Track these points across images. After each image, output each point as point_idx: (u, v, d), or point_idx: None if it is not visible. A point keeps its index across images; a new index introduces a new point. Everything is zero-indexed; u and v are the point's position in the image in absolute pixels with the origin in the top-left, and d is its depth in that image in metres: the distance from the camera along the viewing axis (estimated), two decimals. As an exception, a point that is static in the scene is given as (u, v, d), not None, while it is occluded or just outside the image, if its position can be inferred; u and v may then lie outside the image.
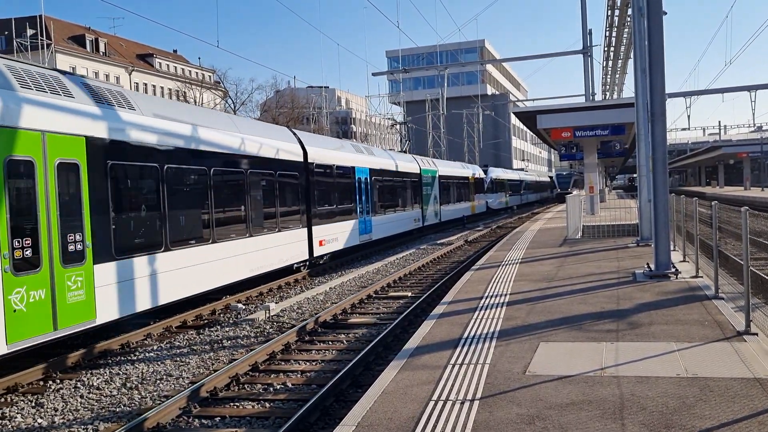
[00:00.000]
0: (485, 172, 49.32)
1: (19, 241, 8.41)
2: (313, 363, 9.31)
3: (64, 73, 10.47)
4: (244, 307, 13.63)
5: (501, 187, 54.35)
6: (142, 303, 10.94)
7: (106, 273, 9.97)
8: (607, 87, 55.68)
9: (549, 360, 6.75)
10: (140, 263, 10.86)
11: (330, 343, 10.53)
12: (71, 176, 9.44)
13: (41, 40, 48.06)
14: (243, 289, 15.27)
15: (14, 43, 48.56)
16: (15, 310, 8.20)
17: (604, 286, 10.97)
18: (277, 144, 16.89)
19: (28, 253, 8.54)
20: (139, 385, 8.52)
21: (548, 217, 34.40)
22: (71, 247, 9.25)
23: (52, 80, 9.72)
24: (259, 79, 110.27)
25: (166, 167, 11.76)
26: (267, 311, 12.60)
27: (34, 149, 8.76)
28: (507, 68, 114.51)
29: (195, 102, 60.62)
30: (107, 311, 9.98)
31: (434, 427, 5.15)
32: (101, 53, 67.49)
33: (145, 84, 71.41)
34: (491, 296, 10.71)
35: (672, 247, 13.55)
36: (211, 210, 13.27)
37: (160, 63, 76.89)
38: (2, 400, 8.19)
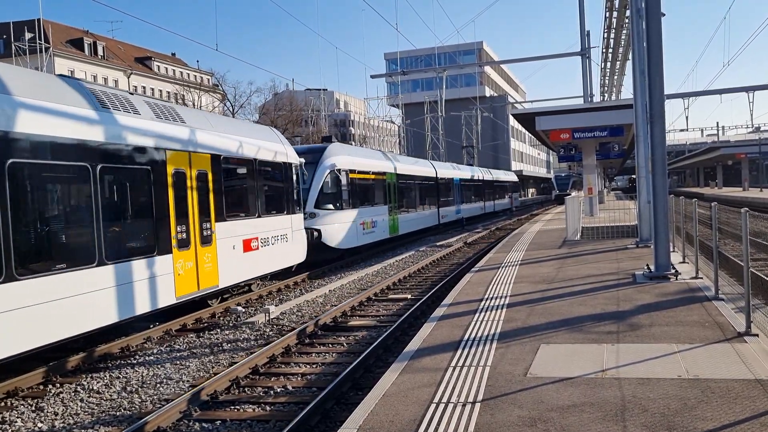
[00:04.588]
0: (317, 153, 21.52)
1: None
2: (314, 366, 9.30)
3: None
4: (243, 310, 13.61)
5: (365, 194, 24.19)
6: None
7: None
8: (606, 88, 55.77)
9: (550, 362, 6.74)
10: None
11: (330, 345, 10.52)
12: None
13: (40, 43, 48.12)
14: (243, 292, 15.30)
15: (13, 46, 48.57)
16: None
17: (604, 288, 10.96)
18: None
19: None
20: (140, 389, 8.50)
21: (547, 219, 34.42)
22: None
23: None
24: (257, 81, 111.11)
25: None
26: (267, 314, 12.59)
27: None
28: (505, 70, 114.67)
29: (194, 105, 60.60)
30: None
31: (436, 429, 5.14)
32: (99, 56, 67.50)
33: (144, 87, 71.42)
34: (491, 298, 10.71)
35: (671, 249, 13.56)
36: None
37: (158, 66, 76.92)
38: (2, 404, 8.17)
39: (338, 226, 21.08)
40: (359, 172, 23.34)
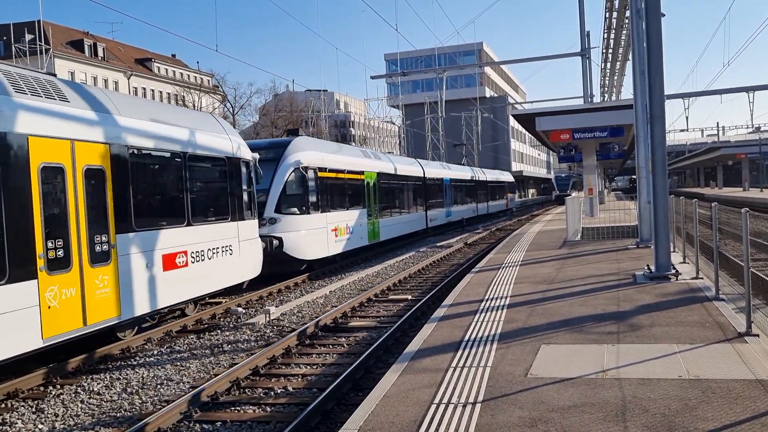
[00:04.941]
0: (279, 148, 18.90)
1: None
2: (314, 367, 9.30)
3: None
4: (244, 311, 13.60)
5: (339, 196, 21.36)
6: None
7: None
8: (606, 89, 55.83)
9: (550, 362, 6.74)
10: None
11: (330, 346, 10.51)
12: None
13: (40, 45, 48.17)
14: (243, 292, 15.30)
15: (13, 48, 48.60)
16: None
17: (605, 288, 10.96)
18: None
19: None
20: (140, 390, 8.50)
21: (547, 219, 34.42)
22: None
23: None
24: (257, 82, 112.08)
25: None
26: (267, 315, 12.58)
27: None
28: (505, 70, 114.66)
29: (194, 106, 60.63)
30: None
31: (437, 430, 5.14)
32: (100, 58, 67.52)
33: (144, 88, 71.48)
34: (492, 299, 10.70)
35: (672, 249, 13.55)
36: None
37: (158, 67, 76.93)
38: (3, 405, 8.17)
39: (304, 234, 18.20)
40: (331, 171, 20.41)
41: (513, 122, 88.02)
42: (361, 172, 23.43)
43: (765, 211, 10.90)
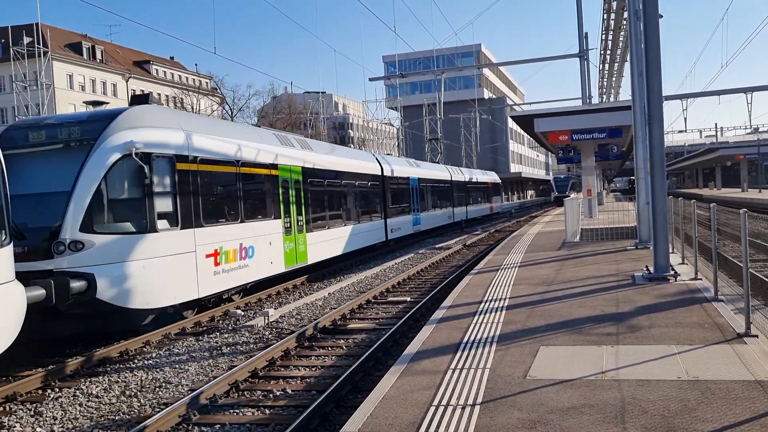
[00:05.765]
0: (95, 123, 11.38)
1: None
2: (313, 369, 9.29)
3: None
4: (243, 313, 13.59)
5: (227, 201, 14.19)
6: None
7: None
8: (604, 90, 55.87)
9: (549, 364, 6.73)
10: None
11: (329, 348, 10.50)
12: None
13: (38, 47, 48.13)
14: (242, 295, 15.28)
15: (11, 51, 48.59)
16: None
17: (604, 290, 10.95)
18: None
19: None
20: (138, 393, 8.49)
21: (546, 221, 34.43)
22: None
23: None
24: (256, 85, 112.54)
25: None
26: (266, 317, 12.57)
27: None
28: (504, 72, 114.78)
29: (192, 108, 60.61)
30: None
31: (435, 432, 5.13)
32: (98, 60, 67.51)
33: (142, 91, 71.39)
34: (491, 300, 10.70)
35: (671, 250, 13.55)
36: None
37: (157, 70, 76.95)
38: (1, 409, 8.16)
39: (141, 266, 11.12)
40: (206, 161, 13.20)
41: (511, 124, 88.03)
42: (273, 166, 16.42)
43: (764, 212, 10.91)
